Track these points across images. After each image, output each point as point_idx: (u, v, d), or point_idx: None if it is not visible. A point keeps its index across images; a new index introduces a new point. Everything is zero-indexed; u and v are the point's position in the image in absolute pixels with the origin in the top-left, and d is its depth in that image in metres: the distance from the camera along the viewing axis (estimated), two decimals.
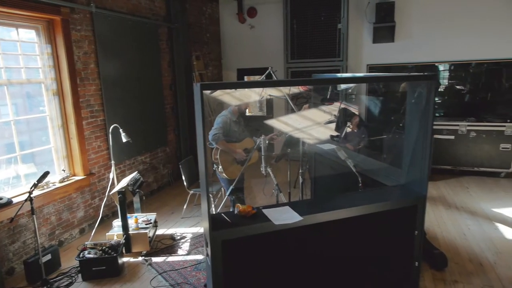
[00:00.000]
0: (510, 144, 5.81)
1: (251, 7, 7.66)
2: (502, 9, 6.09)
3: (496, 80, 6.80)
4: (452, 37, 6.44)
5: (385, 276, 2.88)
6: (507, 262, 3.51)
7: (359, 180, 3.22)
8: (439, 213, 4.72)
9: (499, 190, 5.49)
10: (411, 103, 2.83)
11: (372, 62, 7.05)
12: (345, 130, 5.02)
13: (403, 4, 6.55)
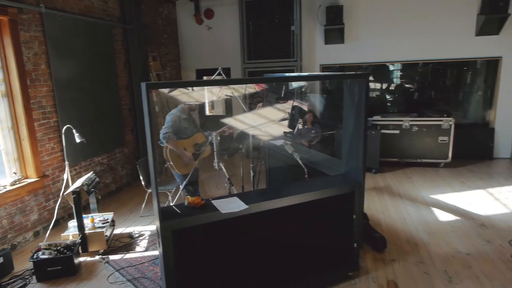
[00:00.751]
0: (447, 136, 6.37)
1: (208, 9, 7.80)
2: (445, 12, 6.65)
3: (440, 79, 7.43)
4: (398, 38, 6.94)
5: (328, 257, 3.14)
6: (438, 241, 3.91)
7: (305, 171, 3.48)
8: (384, 201, 5.12)
9: (438, 178, 6.01)
10: (347, 100, 3.11)
11: (325, 62, 7.42)
12: (297, 127, 5.28)
13: (351, 7, 6.97)
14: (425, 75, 7.46)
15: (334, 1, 6.96)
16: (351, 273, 3.28)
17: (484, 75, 7.04)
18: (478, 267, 3.41)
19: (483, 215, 4.53)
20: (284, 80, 4.62)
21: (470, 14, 6.57)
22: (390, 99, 7.73)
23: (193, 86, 3.72)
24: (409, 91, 7.63)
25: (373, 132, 6.27)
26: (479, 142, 6.97)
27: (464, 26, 6.64)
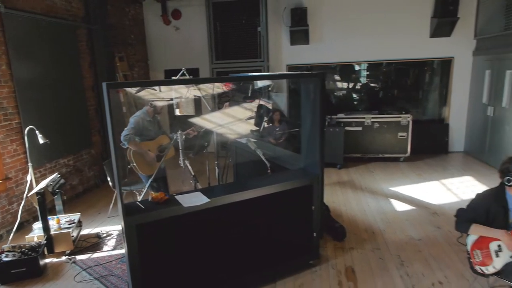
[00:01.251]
0: (405, 132, 6.75)
1: (176, 9, 7.83)
2: (402, 15, 7.03)
3: (402, 78, 7.85)
4: (360, 39, 7.26)
5: (290, 247, 3.31)
6: (394, 229, 4.19)
7: (268, 166, 3.65)
8: (347, 194, 5.38)
9: (397, 172, 6.37)
10: (304, 99, 3.30)
11: (291, 62, 7.65)
12: (263, 125, 5.45)
13: (314, 9, 7.22)
14: (388, 75, 7.87)
15: (298, 3, 7.20)
16: (312, 261, 3.47)
17: (439, 75, 7.51)
18: (427, 251, 3.69)
19: (436, 204, 4.87)
20: (241, 80, 4.79)
21: (424, 17, 6.99)
22: (355, 98, 8.08)
23: (155, 86, 3.80)
24: (374, 90, 8.02)
25: (337, 130, 6.55)
26: (435, 137, 7.42)
27: (420, 28, 7.05)
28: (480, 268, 2.55)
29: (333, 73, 8.11)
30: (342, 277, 3.31)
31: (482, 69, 6.66)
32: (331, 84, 8.19)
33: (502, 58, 6.04)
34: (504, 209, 2.51)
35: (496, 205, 2.53)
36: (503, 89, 5.92)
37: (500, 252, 2.47)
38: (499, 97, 6.06)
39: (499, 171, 2.57)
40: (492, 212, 2.53)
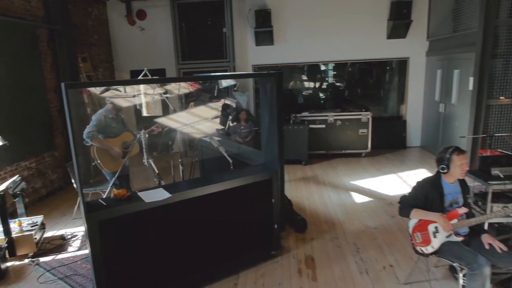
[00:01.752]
0: (366, 129, 7.09)
1: (140, 10, 7.81)
2: (361, 17, 7.37)
3: (364, 77, 8.22)
4: (323, 40, 7.54)
5: (252, 239, 3.46)
6: (352, 220, 4.45)
7: (230, 162, 3.79)
8: (310, 189, 5.61)
9: (359, 167, 6.69)
10: (262, 97, 3.46)
11: (257, 62, 7.83)
12: (228, 124, 5.58)
13: (278, 11, 7.43)
14: (352, 74, 8.23)
15: (262, 5, 7.38)
16: (274, 252, 3.64)
17: (398, 74, 7.94)
18: (381, 238, 3.97)
19: (392, 195, 5.19)
20: (199, 79, 4.93)
21: (381, 19, 7.37)
22: (321, 97, 8.37)
23: (114, 86, 3.83)
24: (339, 89, 8.35)
25: (301, 127, 6.79)
26: (394, 133, 7.83)
27: (377, 30, 7.43)
28: (421, 249, 2.80)
29: (301, 73, 8.37)
30: (302, 265, 3.51)
31: (434, 68, 7.12)
32: (298, 83, 8.44)
33: (451, 58, 6.50)
34: (440, 195, 2.78)
35: (433, 191, 2.79)
36: (452, 87, 6.37)
37: (437, 233, 2.74)
38: (449, 95, 6.50)
39: (436, 161, 2.83)
40: (430, 198, 2.79)
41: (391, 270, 3.36)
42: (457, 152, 2.70)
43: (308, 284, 3.20)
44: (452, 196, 2.82)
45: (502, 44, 5.83)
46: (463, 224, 2.72)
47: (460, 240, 2.74)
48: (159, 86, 5.07)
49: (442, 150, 2.82)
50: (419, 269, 3.29)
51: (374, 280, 3.21)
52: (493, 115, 5.75)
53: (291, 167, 6.79)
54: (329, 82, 8.36)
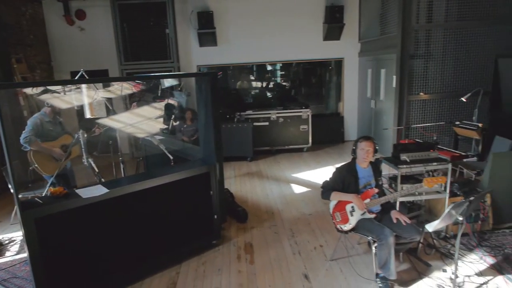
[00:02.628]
0: (306, 125, 7.55)
1: (79, 10, 7.64)
2: (300, 20, 7.81)
3: (308, 77, 8.68)
4: (265, 41, 7.88)
5: (194, 230, 3.66)
6: (290, 209, 4.80)
7: (171, 158, 3.96)
8: (254, 183, 5.91)
9: (300, 161, 7.11)
10: (199, 96, 3.67)
11: (201, 63, 7.99)
12: (171, 123, 5.71)
13: (220, 13, 7.65)
14: (297, 74, 8.66)
15: (204, 7, 7.57)
16: (215, 241, 3.87)
17: (336, 73, 8.50)
18: (315, 223, 4.35)
19: None
20: (136, 79, 5.05)
21: (318, 22, 7.88)
22: (266, 95, 8.70)
23: (42, 86, 3.82)
24: (285, 88, 8.74)
25: (245, 125, 7.07)
26: (333, 129, 8.40)
27: (315, 32, 7.93)
28: (340, 226, 3.19)
29: (249, 73, 8.63)
30: (241, 251, 3.77)
31: (365, 68, 7.76)
32: (246, 83, 8.70)
33: (378, 59, 7.14)
34: (355, 178, 3.19)
35: (349, 175, 3.19)
36: (380, 85, 7.01)
37: (354, 212, 3.13)
38: (378, 92, 7.14)
39: (352, 150, 3.24)
40: (347, 181, 3.18)
41: (321, 249, 3.73)
42: (362, 139, 3.14)
43: (246, 268, 3.47)
44: (365, 179, 3.23)
45: (421, 46, 6.55)
46: (375, 203, 3.14)
47: (373, 217, 3.16)
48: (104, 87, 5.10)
49: (356, 141, 3.23)
50: (345, 247, 3.70)
51: (305, 259, 3.55)
52: (413, 109, 6.44)
53: (237, 164, 7.06)
54: (275, 82, 8.74)
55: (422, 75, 6.52)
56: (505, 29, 6.30)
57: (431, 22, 6.35)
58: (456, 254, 2.78)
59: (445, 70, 6.48)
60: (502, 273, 3.13)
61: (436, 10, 6.36)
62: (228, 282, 3.25)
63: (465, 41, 6.33)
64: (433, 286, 3.02)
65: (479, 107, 5.71)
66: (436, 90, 6.50)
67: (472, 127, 5.26)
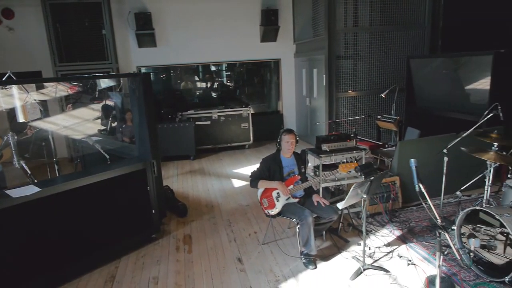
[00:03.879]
0: (247, 123, 7.88)
1: (7, 8, 7.28)
2: (239, 22, 8.10)
3: (251, 77, 8.98)
4: (205, 42, 8.08)
5: (133, 224, 3.78)
6: (229, 201, 5.08)
7: (107, 158, 4.04)
8: (195, 180, 6.10)
9: (242, 157, 7.43)
10: (132, 96, 3.81)
11: (141, 64, 7.99)
12: (109, 124, 5.72)
13: (159, 14, 7.72)
14: (240, 74, 8.92)
15: (142, 8, 7.59)
16: (155, 235, 4.02)
17: (275, 73, 8.93)
18: (251, 212, 4.66)
19: None
20: (66, 80, 5.05)
21: (255, 24, 8.24)
22: (211, 95, 8.86)
23: None
24: (229, 88, 8.97)
25: (187, 125, 7.23)
26: (273, 126, 8.81)
27: (252, 34, 8.29)
28: (268, 212, 3.52)
29: (193, 73, 8.72)
30: (180, 243, 3.96)
31: (300, 68, 8.27)
32: (190, 84, 8.79)
33: (311, 59, 7.66)
34: (279, 167, 3.53)
35: (274, 165, 3.53)
36: (313, 84, 7.54)
37: (279, 197, 3.48)
38: (312, 90, 7.67)
39: (277, 142, 3.58)
40: (272, 170, 3.52)
41: (255, 235, 4.04)
42: (285, 132, 3.49)
43: (184, 257, 3.67)
44: (289, 168, 3.59)
45: (350, 47, 7.17)
46: (298, 188, 3.51)
47: (296, 201, 3.53)
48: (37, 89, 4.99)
49: (280, 133, 3.58)
50: (276, 231, 4.05)
51: (240, 245, 3.84)
52: (342, 105, 7.04)
53: (180, 162, 7.20)
54: (220, 82, 8.94)
55: (351, 74, 7.15)
56: (414, 34, 7.12)
57: (357, 26, 6.99)
58: (364, 227, 3.24)
59: (371, 70, 7.17)
60: (406, 242, 3.66)
61: (361, 15, 7.01)
62: (166, 270, 3.43)
63: (385, 44, 7.06)
64: (349, 258, 3.45)
65: (396, 102, 6.42)
66: (363, 88, 7.17)
67: (390, 120, 5.91)
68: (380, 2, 6.91)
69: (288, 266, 3.37)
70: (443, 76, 6.04)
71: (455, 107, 5.82)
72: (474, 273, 3.06)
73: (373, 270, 3.21)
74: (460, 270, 3.14)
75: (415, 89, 6.64)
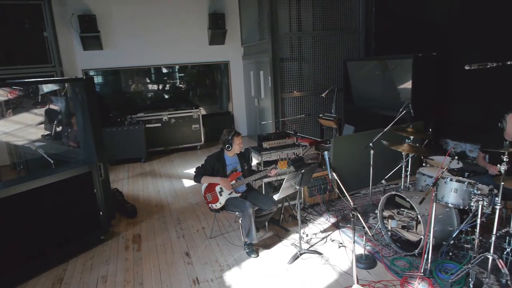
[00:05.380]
0: (198, 124, 8.04)
1: None
2: (187, 25, 8.23)
3: (204, 78, 9.09)
4: (153, 45, 8.11)
5: (80, 227, 3.84)
6: (179, 201, 5.24)
7: (52, 162, 4.05)
8: (147, 182, 6.18)
9: (194, 158, 7.59)
10: (75, 101, 3.86)
11: (87, 67, 7.86)
12: (54, 128, 5.62)
13: (104, 16, 7.64)
14: (193, 76, 8.99)
15: (86, 10, 7.48)
16: (103, 237, 4.10)
17: (226, 75, 9.15)
18: (200, 210, 4.86)
19: None
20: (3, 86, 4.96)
21: (203, 28, 8.43)
22: (162, 97, 8.85)
23: None
24: (181, 89, 9.00)
25: (136, 127, 7.25)
26: (224, 126, 8.85)
27: (201, 37, 8.46)
28: (212, 206, 3.75)
29: (144, 75, 8.64)
30: (129, 242, 4.08)
31: (248, 70, 8.58)
32: (140, 86, 8.72)
33: (258, 62, 7.99)
34: (223, 165, 3.78)
35: (218, 163, 3.77)
36: (261, 85, 7.88)
37: (222, 192, 3.72)
38: (260, 91, 8.01)
39: (221, 141, 3.82)
40: (216, 168, 3.76)
41: (203, 231, 4.26)
42: (236, 134, 3.74)
43: (133, 255, 3.80)
44: (232, 166, 3.85)
45: (295, 50, 7.60)
46: (240, 183, 3.77)
47: (238, 196, 3.79)
48: None
49: (225, 133, 3.81)
50: (223, 225, 4.29)
51: (188, 241, 4.04)
52: (287, 105, 7.45)
53: (130, 165, 7.21)
54: (171, 84, 8.94)
55: (297, 76, 7.58)
56: (351, 38, 7.72)
57: (301, 30, 7.43)
58: (299, 216, 3.57)
59: (315, 71, 7.64)
60: (339, 228, 4.07)
61: (305, 21, 7.45)
62: (115, 269, 3.55)
63: (326, 47, 7.57)
64: (288, 245, 3.78)
65: (336, 102, 6.92)
66: (307, 88, 7.63)
67: (330, 118, 6.37)
68: (321, 8, 7.41)
69: (232, 256, 3.63)
70: (375, 77, 6.63)
71: (387, 105, 6.41)
72: (393, 250, 3.52)
73: (308, 254, 3.56)
74: (382, 248, 3.58)
75: (352, 89, 7.21)
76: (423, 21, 6.29)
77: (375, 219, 4.08)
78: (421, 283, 2.97)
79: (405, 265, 3.29)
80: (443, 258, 3.23)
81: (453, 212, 3.30)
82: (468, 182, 2.97)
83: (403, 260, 3.36)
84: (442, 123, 6.13)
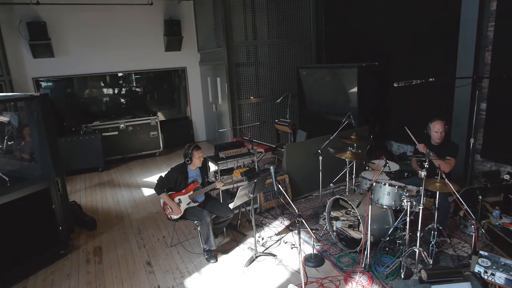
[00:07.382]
0: (156, 131, 8.09)
1: None
2: (143, 32, 8.21)
3: (161, 84, 9.07)
4: (108, 52, 8.03)
5: (39, 243, 3.85)
6: (139, 210, 5.33)
7: (7, 180, 4.00)
8: (105, 192, 6.18)
9: (153, 166, 7.64)
10: (30, 116, 3.86)
11: (37, 75, 7.62)
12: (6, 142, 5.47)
13: (54, 23, 7.46)
14: (149, 82, 8.93)
15: (35, 17, 7.26)
16: (63, 251, 4.13)
17: (184, 80, 9.23)
18: (160, 219, 5.00)
19: None
20: None
21: (159, 34, 8.47)
22: (119, 105, 8.73)
23: None
24: (138, 96, 8.90)
25: (92, 137, 7.18)
26: (183, 132, 9.16)
27: (156, 43, 8.49)
28: (171, 216, 3.93)
29: (98, 82, 8.47)
30: (90, 255, 4.15)
31: (205, 76, 8.75)
32: (95, 92, 8.52)
33: (215, 68, 8.18)
34: (185, 178, 3.96)
35: (181, 175, 3.94)
36: (218, 91, 8.08)
37: (181, 203, 3.91)
38: (217, 97, 8.20)
39: (183, 155, 3.97)
40: (179, 180, 3.93)
41: (163, 240, 4.41)
42: (195, 149, 3.91)
43: (95, 268, 3.89)
44: (193, 178, 4.03)
45: (251, 57, 7.87)
46: (198, 193, 3.98)
47: (196, 205, 4.00)
48: None
49: (186, 147, 3.96)
50: (183, 233, 4.48)
51: (149, 250, 4.18)
52: (244, 110, 7.72)
53: (87, 176, 7.13)
54: (128, 91, 8.80)
55: (253, 82, 7.86)
56: (304, 45, 8.14)
57: (256, 39, 7.72)
58: (253, 221, 3.85)
59: (271, 77, 7.97)
60: (291, 230, 4.40)
61: (260, 29, 7.74)
62: (77, 283, 3.62)
63: (281, 54, 7.93)
64: (245, 249, 4.05)
65: (290, 107, 7.29)
66: (263, 94, 7.94)
67: (285, 124, 6.73)
68: (275, 17, 7.74)
69: (192, 263, 3.84)
70: (325, 84, 7.08)
71: (337, 110, 6.87)
72: (339, 248, 3.90)
73: (264, 256, 3.85)
74: (330, 247, 3.95)
75: (306, 95, 7.63)
76: (365, 32, 6.82)
77: (325, 220, 4.46)
78: (361, 277, 3.36)
79: (349, 261, 3.67)
80: (381, 253, 3.66)
81: (389, 212, 3.74)
82: (398, 185, 3.41)
83: (347, 257, 3.74)
84: (386, 127, 6.71)
